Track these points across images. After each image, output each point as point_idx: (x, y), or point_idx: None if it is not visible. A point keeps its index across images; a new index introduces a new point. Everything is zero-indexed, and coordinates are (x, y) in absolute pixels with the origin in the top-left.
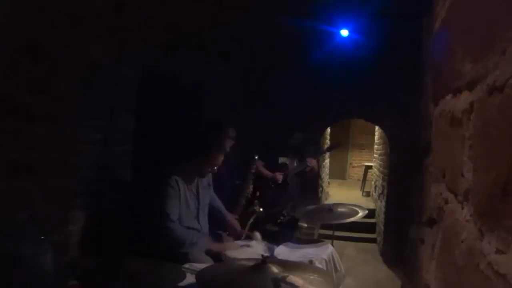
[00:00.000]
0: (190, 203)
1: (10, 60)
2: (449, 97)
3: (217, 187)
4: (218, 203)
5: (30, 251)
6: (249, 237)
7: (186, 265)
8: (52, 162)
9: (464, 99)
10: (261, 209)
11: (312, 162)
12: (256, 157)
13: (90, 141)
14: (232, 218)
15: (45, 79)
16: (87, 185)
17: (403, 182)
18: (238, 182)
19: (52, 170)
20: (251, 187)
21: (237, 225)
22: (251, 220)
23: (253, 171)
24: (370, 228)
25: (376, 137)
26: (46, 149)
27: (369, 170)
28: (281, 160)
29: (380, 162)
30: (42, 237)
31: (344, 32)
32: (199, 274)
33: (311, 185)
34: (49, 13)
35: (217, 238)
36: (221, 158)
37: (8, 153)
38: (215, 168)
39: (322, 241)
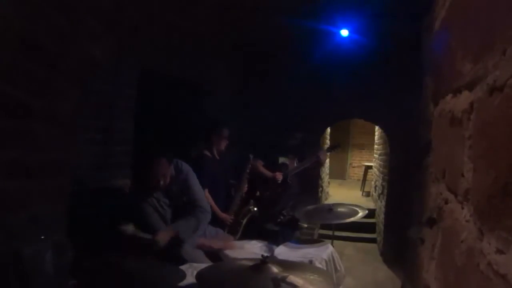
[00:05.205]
0: (161, 212)
1: (10, 60)
2: (449, 97)
3: (212, 186)
4: None
5: (30, 251)
6: None
7: (186, 265)
8: (52, 162)
9: (464, 99)
10: (255, 209)
11: (324, 156)
12: (251, 157)
13: (90, 141)
14: None
15: (45, 79)
16: (87, 185)
17: (403, 182)
18: (233, 181)
19: (52, 170)
20: (245, 186)
21: None
22: (245, 220)
23: (247, 170)
24: (370, 228)
25: (376, 137)
26: (45, 149)
27: (369, 170)
28: (281, 160)
29: (380, 162)
30: (42, 237)
31: (344, 32)
32: (199, 274)
33: (311, 185)
34: (49, 13)
35: (213, 235)
36: (158, 175)
37: (7, 153)
38: (160, 181)
39: (322, 241)
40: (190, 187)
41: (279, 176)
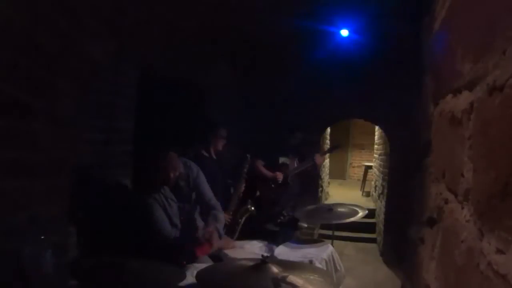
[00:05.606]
0: (167, 208)
1: (10, 60)
2: (449, 97)
3: (210, 186)
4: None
5: (30, 251)
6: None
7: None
8: (52, 162)
9: (464, 99)
10: (253, 208)
11: (319, 160)
12: (249, 156)
13: (90, 141)
14: None
15: (45, 79)
16: (87, 185)
17: (403, 182)
18: (230, 181)
19: (52, 170)
20: (243, 186)
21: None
22: (243, 219)
23: (245, 170)
24: (370, 228)
25: (376, 137)
26: (45, 149)
27: (369, 170)
28: (281, 160)
29: (380, 162)
30: (42, 237)
31: (344, 32)
32: (199, 274)
33: (311, 185)
34: (49, 13)
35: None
36: (169, 168)
37: (8, 153)
38: (170, 174)
39: (322, 241)
40: (203, 186)
41: (280, 176)
